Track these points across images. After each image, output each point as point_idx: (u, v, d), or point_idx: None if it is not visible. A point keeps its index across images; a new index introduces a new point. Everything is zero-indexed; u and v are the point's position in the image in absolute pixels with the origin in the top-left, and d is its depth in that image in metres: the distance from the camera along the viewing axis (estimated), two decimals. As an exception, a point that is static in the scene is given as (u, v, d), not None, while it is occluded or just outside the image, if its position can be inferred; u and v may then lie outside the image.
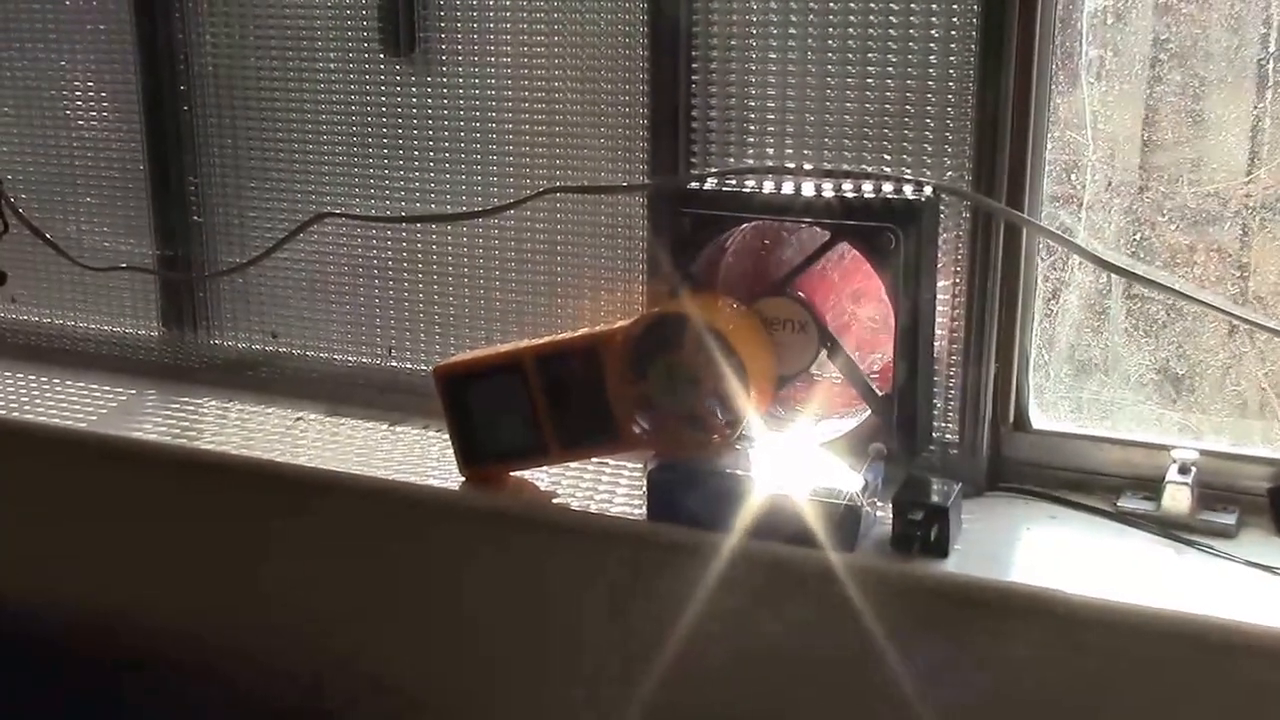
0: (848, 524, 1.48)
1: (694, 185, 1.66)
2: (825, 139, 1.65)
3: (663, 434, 1.59)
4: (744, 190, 1.63)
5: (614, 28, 1.74)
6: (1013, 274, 1.60)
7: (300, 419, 1.94)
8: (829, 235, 1.57)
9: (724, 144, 1.70)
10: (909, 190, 1.56)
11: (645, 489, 1.60)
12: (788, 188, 1.60)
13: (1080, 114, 1.60)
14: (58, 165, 2.13)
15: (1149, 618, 1.38)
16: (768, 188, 1.62)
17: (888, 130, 1.62)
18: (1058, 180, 1.62)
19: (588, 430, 1.63)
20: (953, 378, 1.64)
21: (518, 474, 1.70)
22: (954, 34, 1.56)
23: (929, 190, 1.56)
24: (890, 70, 1.60)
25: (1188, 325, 1.62)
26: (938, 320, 1.61)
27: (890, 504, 1.51)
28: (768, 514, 1.50)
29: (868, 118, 1.62)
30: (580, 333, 1.63)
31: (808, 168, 1.64)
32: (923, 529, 1.48)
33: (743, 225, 1.63)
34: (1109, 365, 1.66)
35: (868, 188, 1.57)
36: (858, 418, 1.61)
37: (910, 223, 1.53)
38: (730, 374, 1.53)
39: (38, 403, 2.04)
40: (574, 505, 1.65)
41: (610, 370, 1.59)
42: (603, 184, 1.78)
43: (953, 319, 1.62)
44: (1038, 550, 1.53)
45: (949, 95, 1.58)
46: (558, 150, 1.80)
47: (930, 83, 1.59)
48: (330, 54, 1.90)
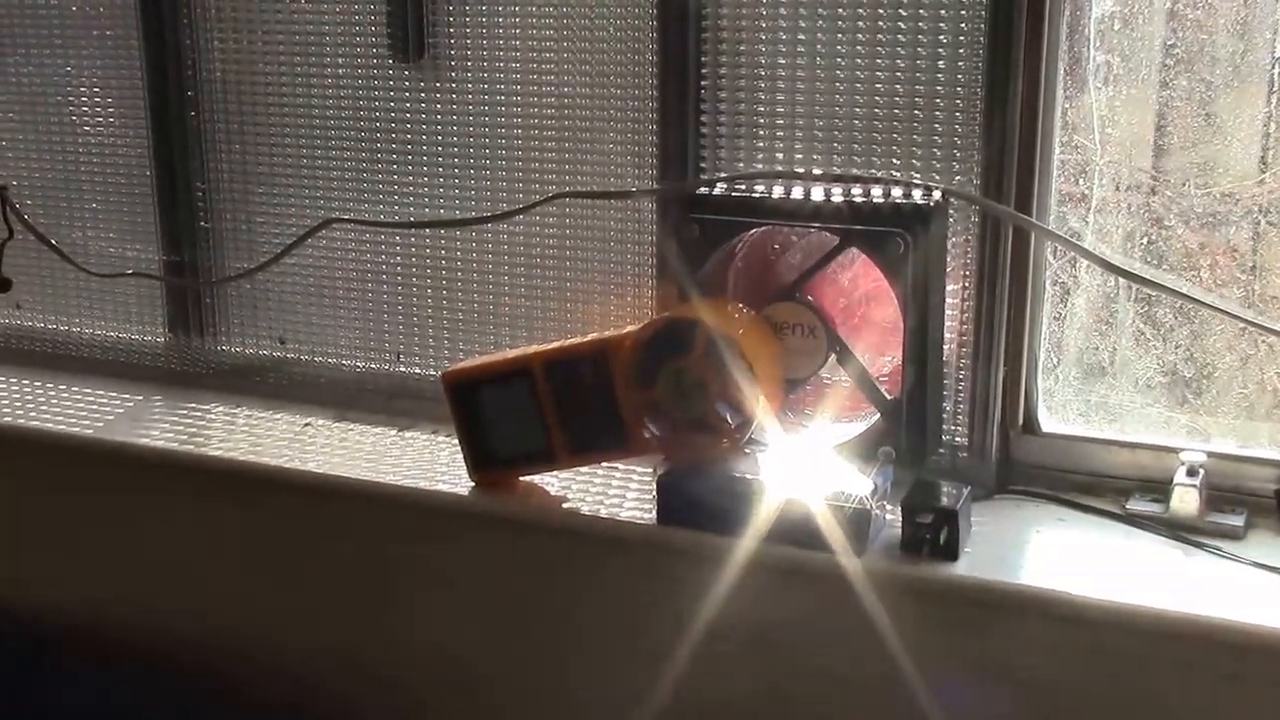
0: (858, 527, 1.49)
1: (703, 190, 1.66)
2: (834, 144, 1.65)
3: (672, 439, 1.59)
4: (753, 195, 1.63)
5: (623, 33, 1.74)
6: (1021, 278, 1.61)
7: (308, 424, 1.94)
8: (838, 240, 1.57)
9: (733, 149, 1.70)
10: (918, 195, 1.57)
11: (655, 493, 1.60)
12: (797, 192, 1.61)
13: (1088, 118, 1.61)
14: (64, 171, 2.13)
15: (1158, 619, 1.39)
16: (777, 192, 1.62)
17: (897, 135, 1.62)
18: (1066, 184, 1.62)
19: (597, 435, 1.63)
20: (962, 381, 1.64)
21: (527, 479, 1.70)
22: (962, 39, 1.57)
23: (938, 195, 1.56)
24: (899, 75, 1.61)
25: (1195, 328, 1.62)
26: (947, 324, 1.61)
27: (900, 507, 1.51)
28: (778, 518, 1.50)
29: (877, 122, 1.63)
30: (589, 338, 1.63)
31: (817, 172, 1.64)
32: (933, 532, 1.49)
33: (752, 230, 1.63)
34: (1117, 368, 1.66)
35: (877, 192, 1.58)
36: (867, 421, 1.61)
37: (919, 227, 1.53)
38: (740, 379, 1.53)
39: (44, 409, 2.03)
40: (584, 510, 1.65)
41: (619, 375, 1.59)
42: (612, 189, 1.78)
43: (962, 323, 1.63)
44: (1047, 552, 1.53)
45: (958, 100, 1.59)
46: (567, 155, 1.80)
47: (939, 87, 1.59)
48: (339, 60, 1.90)
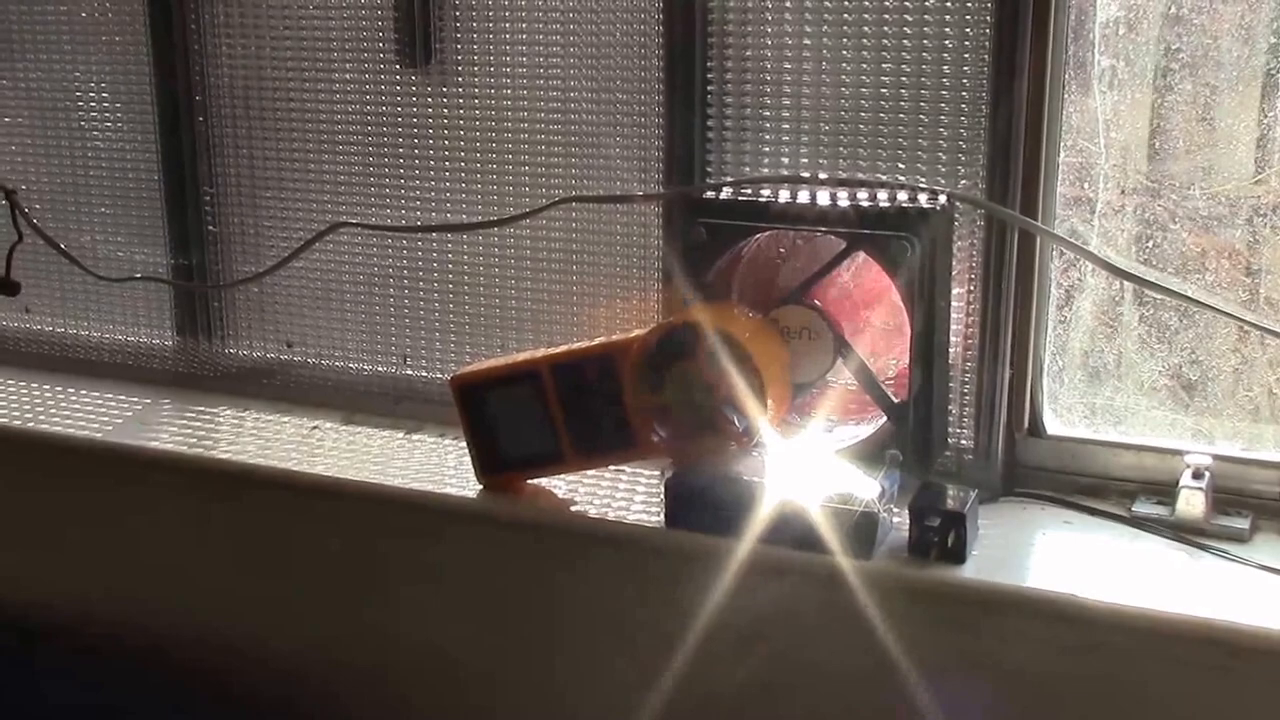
0: (865, 531, 1.49)
1: (709, 194, 1.67)
2: (840, 148, 1.66)
3: (680, 442, 1.59)
4: (759, 199, 1.64)
5: (629, 38, 1.74)
6: (1027, 281, 1.61)
7: (316, 427, 1.95)
8: (844, 244, 1.57)
9: (739, 153, 1.71)
10: (924, 199, 1.57)
11: (662, 496, 1.60)
12: (803, 197, 1.61)
13: (1092, 122, 1.61)
14: (72, 175, 2.13)
15: (1165, 622, 1.39)
16: (783, 196, 1.63)
17: (902, 139, 1.63)
18: (1070, 188, 1.63)
19: (605, 438, 1.63)
20: (968, 384, 1.65)
21: (535, 481, 1.71)
22: (968, 44, 1.57)
23: (944, 199, 1.57)
24: (904, 80, 1.61)
25: (1200, 331, 1.63)
26: (953, 327, 1.61)
27: (907, 511, 1.52)
28: (785, 521, 1.51)
29: (882, 126, 1.63)
30: (597, 341, 1.64)
31: (823, 177, 1.65)
32: (940, 535, 1.49)
33: (758, 234, 1.64)
34: (1122, 371, 1.67)
35: (883, 196, 1.58)
36: (873, 424, 1.62)
37: (925, 231, 1.54)
38: (747, 382, 1.53)
39: (52, 412, 2.04)
40: (592, 512, 1.66)
41: (627, 379, 1.59)
42: (618, 194, 1.78)
43: (967, 326, 1.63)
44: (1053, 555, 1.54)
45: (963, 104, 1.59)
46: (573, 160, 1.80)
47: (944, 92, 1.60)
48: (346, 65, 1.91)
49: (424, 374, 1.97)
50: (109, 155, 2.10)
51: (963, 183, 1.61)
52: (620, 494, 1.70)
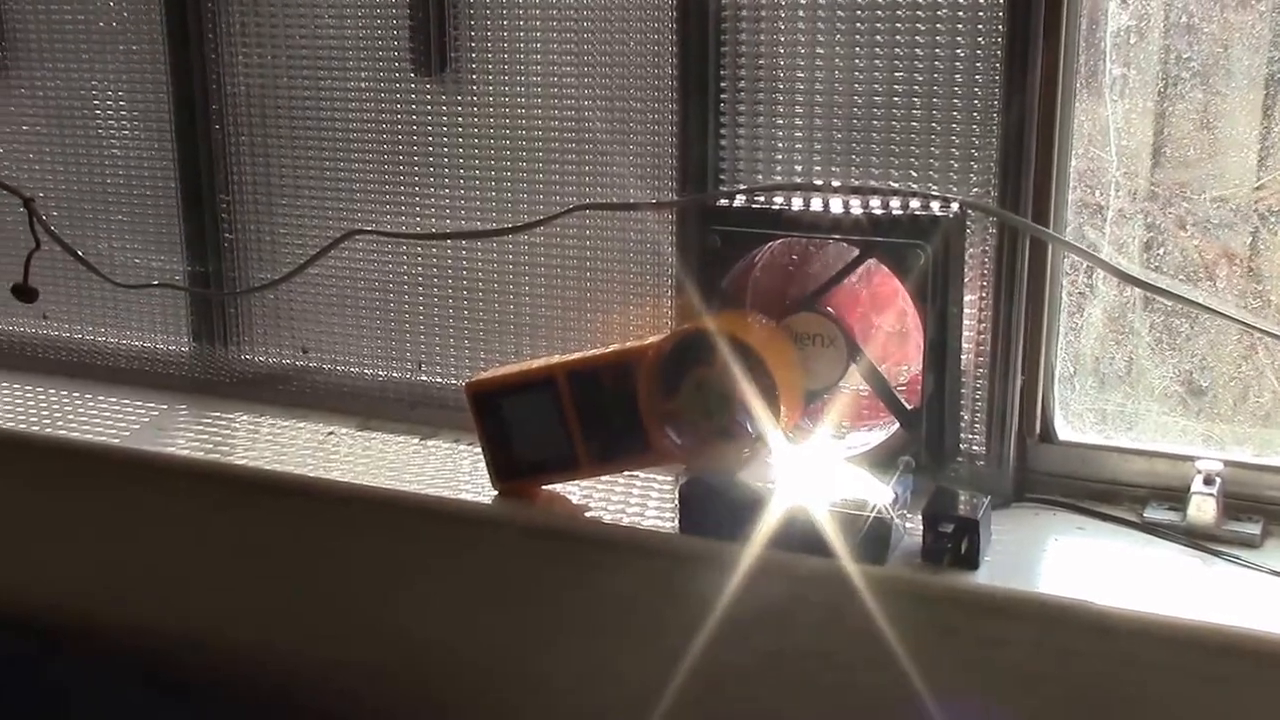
0: (878, 536, 1.50)
1: (723, 202, 1.68)
2: (853, 155, 1.66)
3: (694, 448, 1.60)
4: (773, 207, 1.65)
5: (643, 47, 1.75)
6: (1038, 288, 1.62)
7: (332, 433, 1.96)
8: (858, 251, 1.59)
9: (752, 161, 1.72)
10: (936, 206, 1.59)
11: (677, 502, 1.61)
12: (816, 204, 1.62)
13: (1104, 130, 1.62)
14: (90, 183, 2.14)
15: (1177, 628, 1.40)
16: (796, 204, 1.64)
17: (914, 147, 1.63)
18: (1082, 194, 1.64)
19: (620, 444, 1.64)
20: (980, 390, 1.66)
21: (550, 487, 1.72)
22: (980, 53, 1.58)
23: (956, 206, 1.58)
24: (917, 87, 1.62)
25: (1211, 337, 1.64)
26: (965, 334, 1.62)
27: (921, 517, 1.52)
28: (798, 526, 1.52)
29: (894, 135, 1.64)
30: (612, 348, 1.65)
31: (836, 184, 1.66)
32: (953, 541, 1.50)
33: (771, 242, 1.65)
34: (1133, 377, 1.68)
35: (895, 204, 1.60)
36: (886, 430, 1.63)
37: (938, 238, 1.55)
38: (760, 389, 1.54)
39: (70, 418, 2.05)
40: (606, 518, 1.67)
41: (642, 385, 1.60)
42: (632, 201, 1.79)
43: (979, 333, 1.64)
44: (1066, 561, 1.54)
45: (975, 113, 1.60)
46: (587, 168, 1.81)
47: (956, 100, 1.61)
48: (362, 74, 1.92)
49: (439, 380, 1.98)
50: (126, 163, 2.12)
51: (974, 190, 1.62)
52: (634, 499, 1.71)
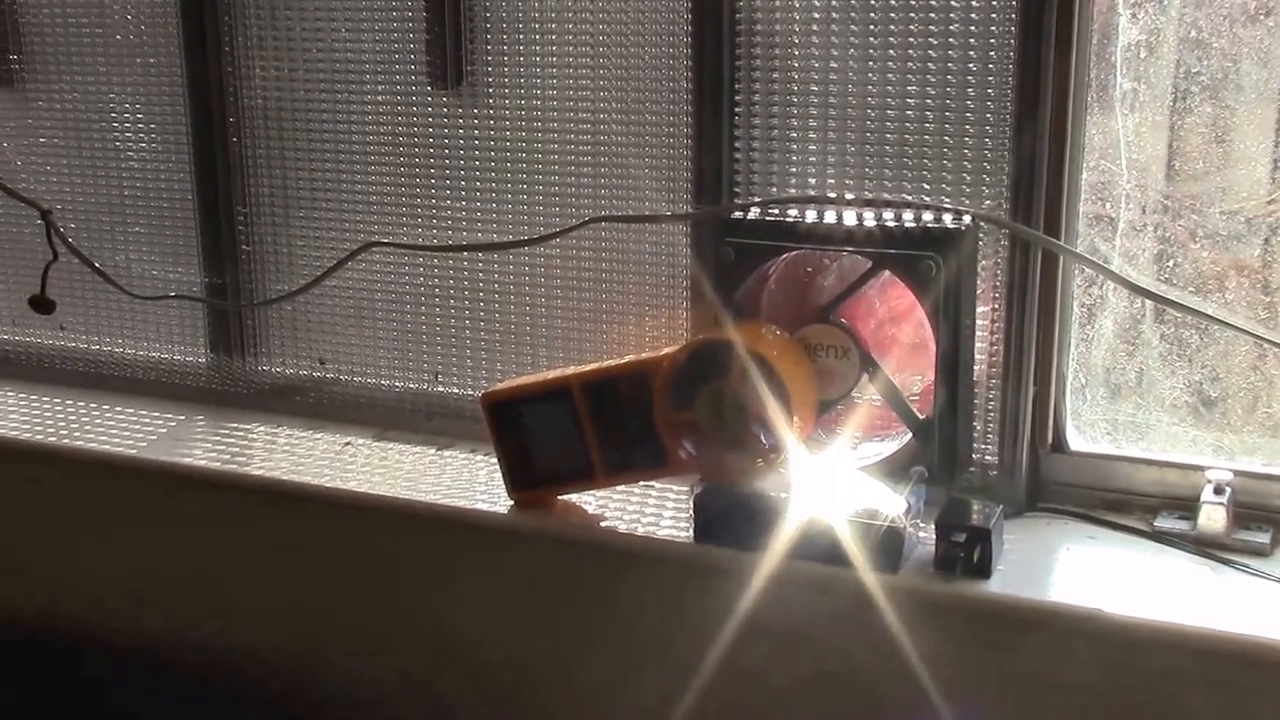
0: (891, 546, 1.51)
1: (738, 214, 1.69)
2: (866, 168, 1.68)
3: (709, 458, 1.62)
4: (787, 219, 1.66)
5: (658, 60, 1.77)
6: (1050, 299, 1.64)
7: (349, 444, 1.97)
8: (871, 263, 1.60)
9: (766, 173, 1.73)
10: (949, 219, 1.60)
11: (692, 511, 1.62)
12: (830, 217, 1.64)
13: (1115, 143, 1.63)
14: (107, 195, 2.16)
15: (1189, 636, 1.41)
16: (810, 216, 1.65)
17: (927, 160, 1.65)
18: (1093, 207, 1.65)
19: (635, 454, 1.65)
20: (992, 401, 1.67)
21: (566, 497, 1.73)
22: (992, 67, 1.60)
23: (969, 219, 1.60)
24: (930, 101, 1.63)
25: (1221, 348, 1.65)
26: (977, 345, 1.63)
27: (934, 526, 1.53)
28: (812, 536, 1.53)
29: (907, 148, 1.65)
30: (627, 360, 1.66)
31: (849, 197, 1.67)
32: (966, 550, 1.51)
33: (786, 254, 1.66)
34: (1144, 387, 1.69)
35: (908, 216, 1.61)
36: (898, 440, 1.64)
37: (950, 251, 1.56)
38: (775, 400, 1.56)
39: (88, 429, 2.06)
40: (621, 528, 1.68)
41: (657, 396, 1.61)
42: (647, 213, 1.81)
43: (992, 343, 1.65)
44: (1078, 570, 1.55)
45: (987, 126, 1.61)
46: (602, 180, 1.83)
47: (969, 114, 1.62)
48: (378, 87, 1.93)
49: (455, 390, 1.99)
50: (143, 175, 2.13)
51: (987, 203, 1.63)
52: (650, 509, 1.72)
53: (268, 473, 1.88)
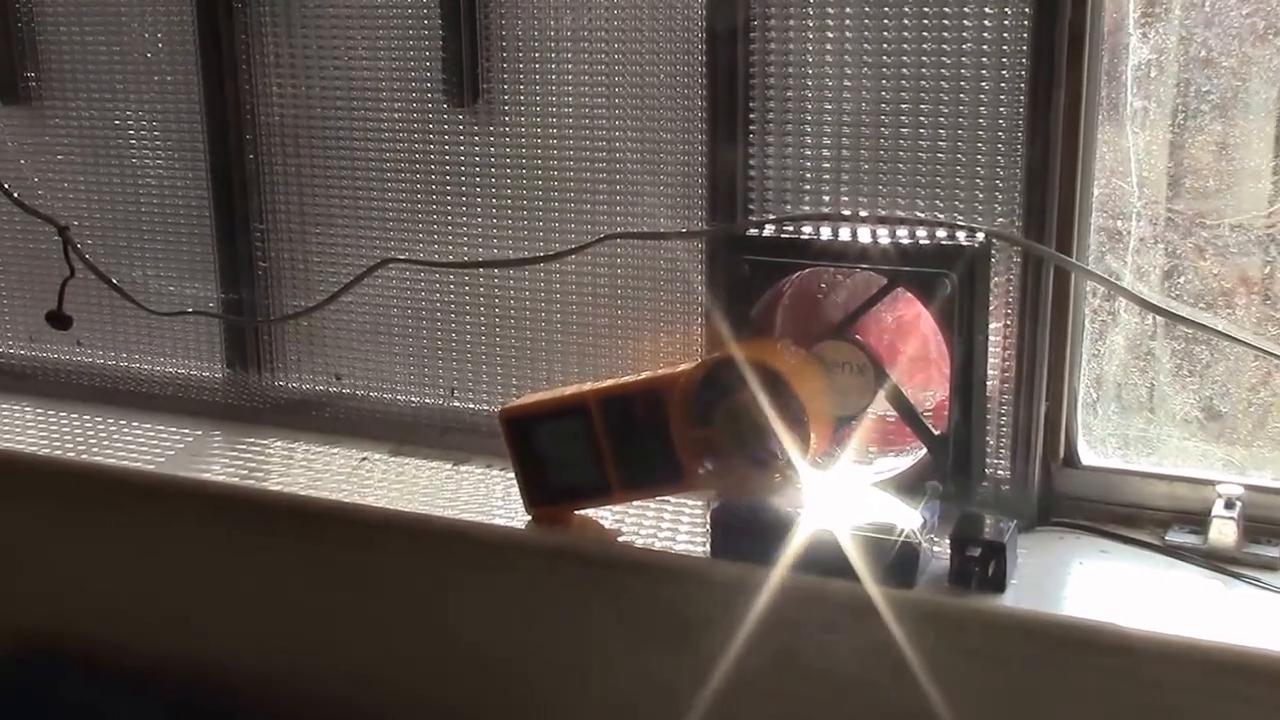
0: (906, 560, 1.52)
1: (752, 232, 1.71)
2: (880, 186, 1.69)
3: (725, 474, 1.62)
4: (801, 236, 1.67)
5: (672, 78, 1.78)
6: (1062, 316, 1.65)
7: (365, 459, 1.98)
8: (886, 280, 1.61)
9: (780, 191, 1.74)
10: (962, 236, 1.61)
11: (708, 526, 1.64)
12: (844, 234, 1.65)
13: (1125, 161, 1.65)
14: (124, 211, 2.17)
15: (1201, 650, 1.42)
16: (825, 234, 1.66)
17: (940, 178, 1.66)
18: (1104, 224, 1.66)
19: (652, 470, 1.66)
20: (1005, 416, 1.68)
21: (582, 513, 1.74)
22: (1004, 86, 1.61)
23: (981, 236, 1.61)
24: (943, 120, 1.65)
25: (1231, 364, 1.66)
26: (990, 360, 1.65)
27: (949, 541, 1.54)
28: (827, 551, 1.54)
29: (921, 166, 1.67)
30: (644, 376, 1.67)
31: (864, 214, 1.68)
32: (981, 565, 1.52)
33: (800, 270, 1.67)
34: (1155, 403, 1.70)
35: (922, 234, 1.62)
36: (913, 455, 1.65)
37: (964, 268, 1.57)
38: (790, 416, 1.57)
39: (104, 445, 2.07)
40: (638, 543, 1.69)
41: (674, 412, 1.62)
42: (662, 230, 1.82)
43: (1004, 359, 1.66)
44: (1090, 584, 1.56)
45: (1000, 144, 1.63)
46: (618, 197, 1.84)
47: (981, 132, 1.63)
48: (395, 105, 1.95)
49: (471, 406, 2.00)
50: (160, 191, 2.14)
51: (999, 220, 1.64)
52: (666, 524, 1.73)
53: (285, 488, 1.89)
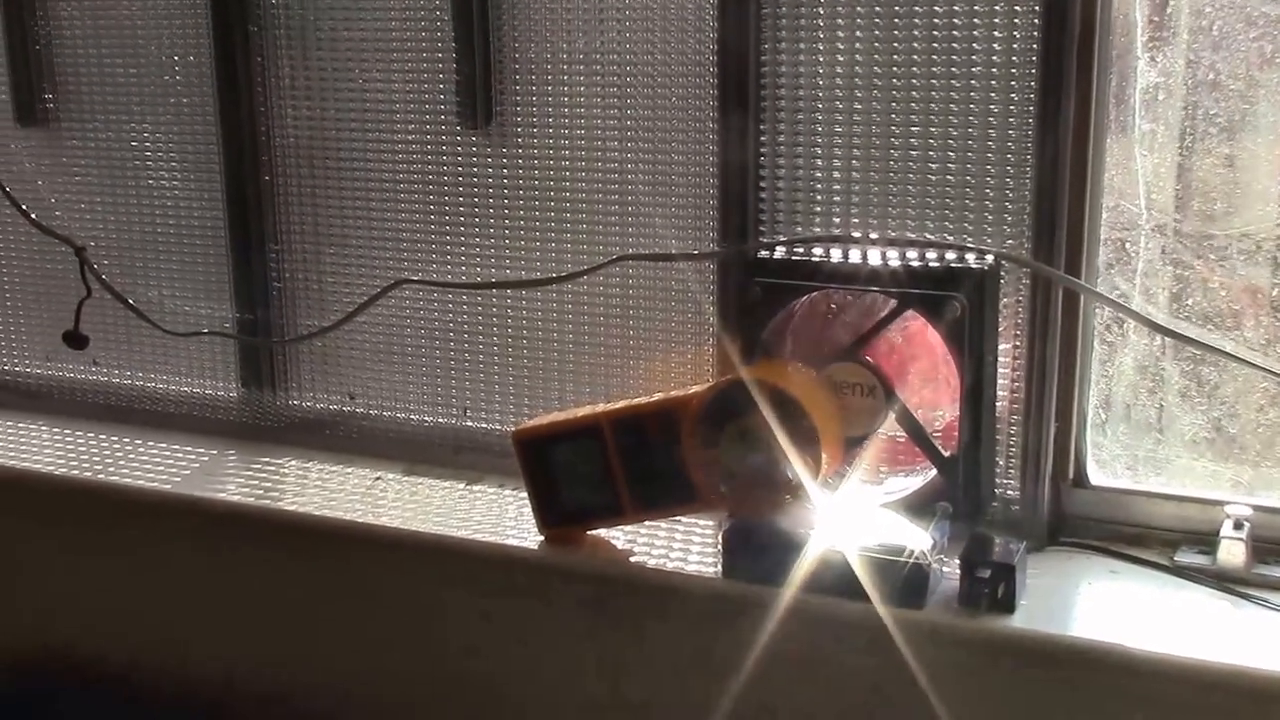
0: (916, 582, 1.53)
1: (763, 253, 1.72)
2: (890, 209, 1.70)
3: (737, 495, 1.63)
4: (812, 258, 1.68)
5: (684, 101, 1.79)
6: (1071, 337, 1.66)
7: (379, 478, 1.99)
8: (896, 303, 1.62)
9: (791, 213, 1.75)
10: (971, 258, 1.62)
11: (719, 547, 1.65)
12: (855, 256, 1.66)
13: (1134, 183, 1.65)
14: (140, 232, 2.18)
15: (1210, 671, 1.43)
16: (835, 255, 1.67)
17: (950, 200, 1.67)
18: (1113, 246, 1.67)
19: (663, 491, 1.67)
20: (1014, 436, 1.69)
21: (595, 533, 1.75)
22: (1013, 108, 1.62)
23: (990, 258, 1.62)
24: (952, 143, 1.66)
25: (1239, 385, 1.67)
26: (1000, 382, 1.65)
27: (958, 562, 1.55)
28: (838, 572, 1.55)
29: (930, 188, 1.68)
30: (655, 398, 1.68)
31: (873, 236, 1.69)
32: (990, 586, 1.53)
33: (811, 292, 1.68)
34: (1163, 423, 1.71)
35: (932, 256, 1.63)
36: (922, 475, 1.66)
37: (973, 290, 1.59)
38: (801, 437, 1.58)
39: (120, 464, 2.08)
40: (650, 563, 1.70)
41: (685, 434, 1.63)
42: (674, 252, 1.83)
43: (1014, 380, 1.67)
44: (1100, 604, 1.57)
45: (1009, 167, 1.63)
46: (629, 218, 1.85)
47: (990, 155, 1.64)
48: (409, 126, 1.96)
49: (484, 425, 2.01)
50: (176, 212, 2.16)
51: (1008, 242, 1.65)
52: (678, 544, 1.74)
53: (298, 508, 1.90)
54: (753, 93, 1.74)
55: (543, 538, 1.75)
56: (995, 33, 1.61)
